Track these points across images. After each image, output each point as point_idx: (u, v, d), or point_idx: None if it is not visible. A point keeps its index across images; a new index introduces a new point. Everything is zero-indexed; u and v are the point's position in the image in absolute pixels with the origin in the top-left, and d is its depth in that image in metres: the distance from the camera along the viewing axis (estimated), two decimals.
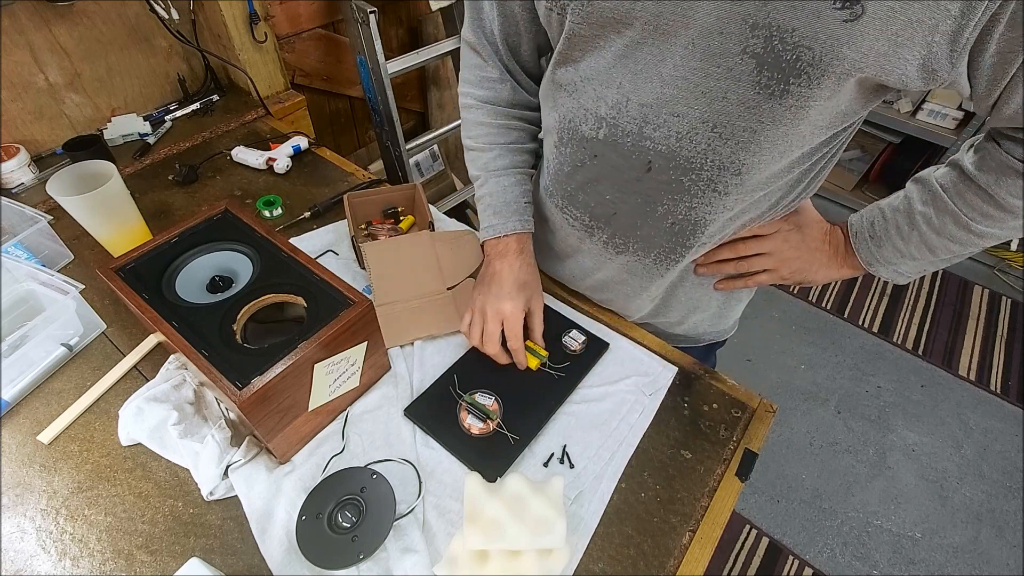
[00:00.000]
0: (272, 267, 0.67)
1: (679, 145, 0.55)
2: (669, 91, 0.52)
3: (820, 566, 1.44)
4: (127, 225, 0.84)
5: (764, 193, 0.60)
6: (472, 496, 0.59)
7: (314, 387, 0.62)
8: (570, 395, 0.71)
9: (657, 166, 0.58)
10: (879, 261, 0.64)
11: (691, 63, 0.49)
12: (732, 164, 0.55)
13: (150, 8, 1.09)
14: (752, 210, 0.64)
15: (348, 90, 1.61)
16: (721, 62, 0.48)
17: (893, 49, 0.43)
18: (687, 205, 0.60)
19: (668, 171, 0.58)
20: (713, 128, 0.53)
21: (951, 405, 1.80)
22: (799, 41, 0.44)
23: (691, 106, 0.52)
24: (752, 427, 0.70)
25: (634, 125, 0.56)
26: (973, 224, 0.56)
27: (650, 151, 0.57)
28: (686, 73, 0.50)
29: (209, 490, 0.61)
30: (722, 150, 0.54)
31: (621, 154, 0.59)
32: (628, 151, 0.58)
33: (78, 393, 0.71)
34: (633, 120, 0.56)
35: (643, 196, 0.62)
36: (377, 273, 0.80)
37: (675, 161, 0.56)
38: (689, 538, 0.60)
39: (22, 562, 0.58)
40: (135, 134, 1.14)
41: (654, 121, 0.55)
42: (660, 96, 0.53)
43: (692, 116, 0.53)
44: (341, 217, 0.97)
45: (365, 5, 1.25)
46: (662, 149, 0.56)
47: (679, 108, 0.53)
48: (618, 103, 0.56)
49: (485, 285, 0.73)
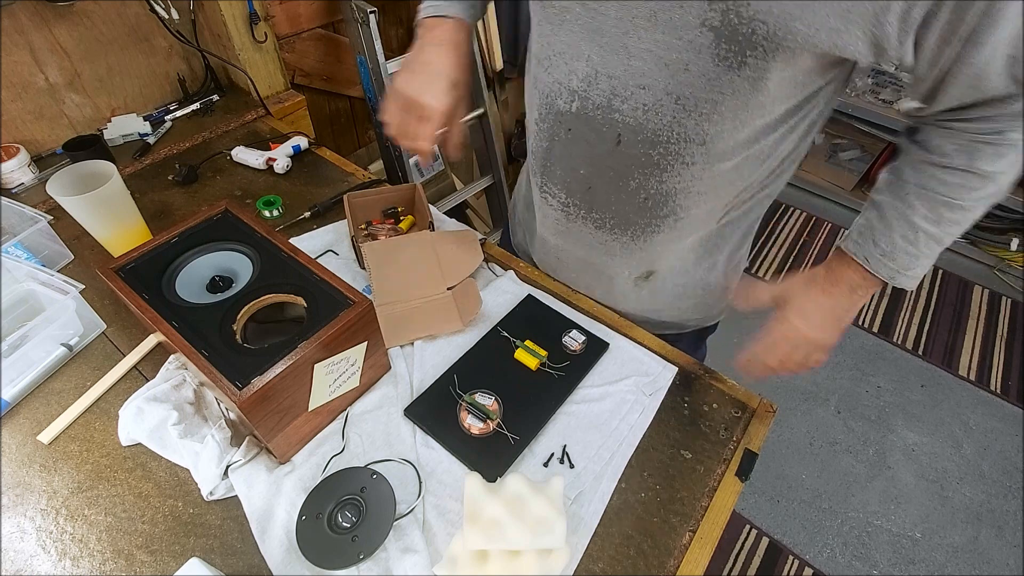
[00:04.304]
0: (272, 267, 0.67)
1: (646, 118, 0.57)
2: (635, 64, 0.54)
3: (820, 566, 1.44)
4: (127, 225, 0.84)
5: (732, 165, 0.60)
6: (472, 496, 0.58)
7: (314, 387, 0.62)
8: (570, 395, 0.71)
9: (626, 139, 0.59)
10: (898, 271, 0.59)
11: (654, 35, 0.51)
12: (696, 135, 0.57)
13: (150, 8, 1.09)
14: (725, 187, 0.64)
15: (348, 90, 1.61)
16: (682, 35, 0.49)
17: (844, 25, 0.44)
18: (657, 179, 0.62)
19: (636, 144, 0.59)
20: (676, 100, 0.54)
21: (951, 405, 1.80)
22: (754, 15, 0.46)
23: (656, 79, 0.54)
24: (752, 427, 0.70)
25: (603, 98, 0.58)
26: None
27: (619, 124, 0.59)
28: (650, 46, 0.52)
29: (209, 490, 0.61)
30: (686, 122, 0.56)
31: (592, 127, 0.61)
32: (599, 124, 0.60)
33: (78, 393, 0.71)
34: (603, 93, 0.57)
35: (615, 170, 0.63)
36: (377, 273, 0.80)
37: (643, 135, 0.58)
38: (689, 538, 0.60)
39: (22, 562, 0.58)
40: (135, 134, 1.14)
41: (622, 94, 0.56)
42: (627, 69, 0.54)
43: (657, 88, 0.54)
44: (341, 217, 0.97)
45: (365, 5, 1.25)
46: (630, 122, 0.58)
47: (645, 81, 0.54)
48: (588, 76, 0.58)
49: (413, 72, 0.65)
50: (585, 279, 0.83)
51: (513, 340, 0.76)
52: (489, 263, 0.90)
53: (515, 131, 1.78)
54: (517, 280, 0.86)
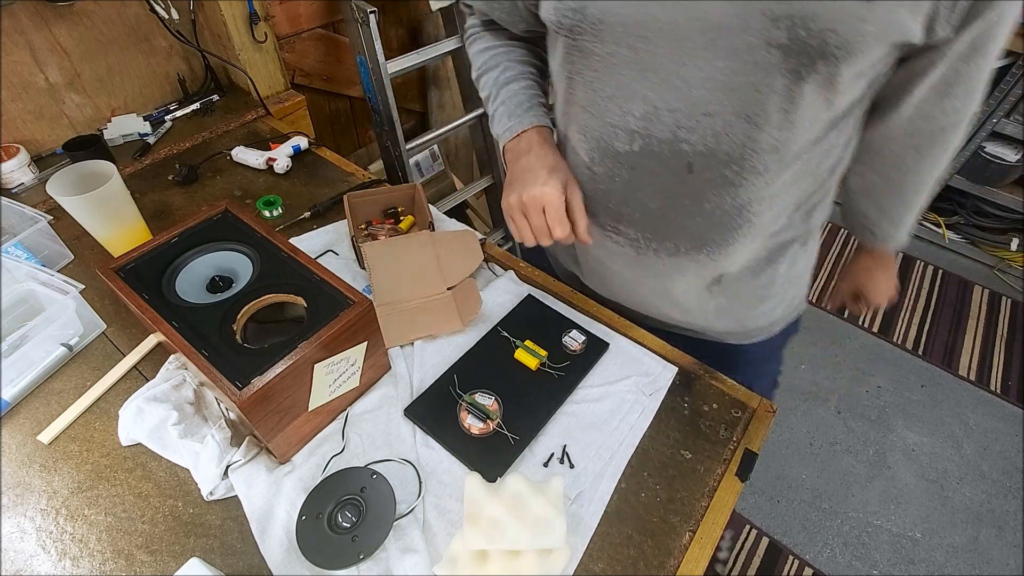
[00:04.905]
0: (272, 267, 0.67)
1: (716, 142, 0.55)
2: (698, 93, 0.52)
3: (820, 566, 1.44)
4: (127, 225, 0.84)
5: (802, 163, 0.60)
6: (472, 496, 0.59)
7: (314, 387, 0.62)
8: (570, 395, 0.71)
9: (698, 166, 0.58)
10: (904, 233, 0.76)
11: (715, 63, 0.50)
12: (769, 146, 0.55)
13: (150, 8, 1.09)
14: (796, 185, 0.63)
15: (348, 90, 1.61)
16: (746, 58, 0.48)
17: (911, 14, 0.44)
18: (732, 195, 0.60)
19: (709, 168, 0.57)
20: (747, 119, 0.53)
21: (951, 405, 1.80)
22: (823, 27, 0.45)
23: (722, 104, 0.52)
24: (752, 427, 0.70)
25: (667, 132, 0.56)
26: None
27: (688, 153, 0.57)
28: (712, 74, 0.50)
29: (209, 490, 0.61)
30: (759, 136, 0.54)
31: (659, 161, 0.59)
32: (666, 158, 0.58)
33: (78, 393, 0.71)
34: (666, 127, 0.56)
35: (688, 196, 0.61)
36: (377, 273, 0.80)
37: (715, 158, 0.56)
38: (689, 538, 0.60)
39: (22, 562, 0.58)
40: (135, 134, 1.14)
41: (687, 124, 0.55)
42: (689, 99, 0.53)
43: (725, 113, 0.53)
44: (341, 217, 0.97)
45: (365, 5, 1.25)
46: (700, 149, 0.56)
47: (711, 108, 0.53)
48: (647, 114, 0.56)
49: (515, 182, 0.67)
50: (649, 300, 0.79)
51: (513, 340, 0.76)
52: (489, 263, 0.90)
53: None
54: (517, 280, 0.86)
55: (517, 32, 0.72)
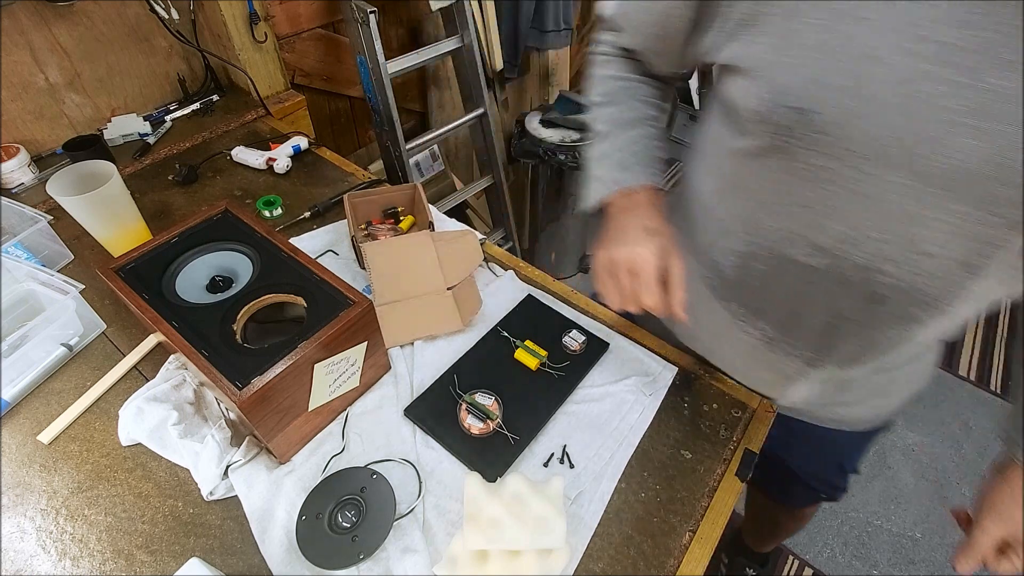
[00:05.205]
0: (272, 267, 0.67)
1: (923, 282, 0.49)
2: (921, 232, 0.46)
3: (820, 566, 1.44)
4: (127, 225, 0.84)
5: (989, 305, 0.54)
6: (472, 496, 0.59)
7: (314, 387, 0.62)
8: (570, 395, 0.71)
9: (892, 300, 0.51)
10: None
11: (954, 206, 0.43)
12: (974, 295, 0.49)
13: (150, 8, 1.09)
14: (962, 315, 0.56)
15: (348, 90, 1.61)
16: (996, 211, 0.42)
17: None
18: (910, 330, 0.54)
19: (903, 306, 0.51)
20: (968, 268, 0.46)
21: (951, 405, 1.80)
22: None
23: (947, 247, 0.46)
24: (752, 427, 0.70)
25: (866, 259, 0.50)
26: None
27: (883, 285, 0.50)
28: (948, 216, 0.44)
29: (209, 490, 0.61)
30: (972, 286, 0.48)
31: (842, 284, 0.52)
32: (853, 283, 0.52)
33: (78, 393, 0.71)
34: (866, 255, 0.49)
35: (864, 324, 0.55)
36: (377, 273, 0.80)
37: (915, 296, 0.50)
38: (689, 538, 0.60)
39: (22, 562, 0.58)
40: (135, 134, 1.14)
41: (895, 258, 0.48)
42: (908, 235, 0.46)
43: (946, 257, 0.46)
44: (341, 217, 0.97)
45: (365, 5, 1.25)
46: (902, 286, 0.50)
47: (932, 249, 0.46)
48: (847, 237, 0.49)
49: (610, 240, 0.62)
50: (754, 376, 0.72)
51: (513, 340, 0.76)
52: (489, 263, 0.90)
53: (515, 131, 1.78)
54: (517, 280, 0.86)
55: (655, 71, 0.65)
